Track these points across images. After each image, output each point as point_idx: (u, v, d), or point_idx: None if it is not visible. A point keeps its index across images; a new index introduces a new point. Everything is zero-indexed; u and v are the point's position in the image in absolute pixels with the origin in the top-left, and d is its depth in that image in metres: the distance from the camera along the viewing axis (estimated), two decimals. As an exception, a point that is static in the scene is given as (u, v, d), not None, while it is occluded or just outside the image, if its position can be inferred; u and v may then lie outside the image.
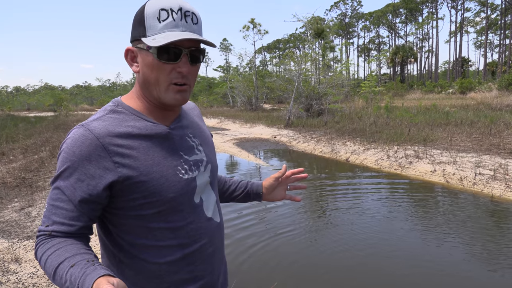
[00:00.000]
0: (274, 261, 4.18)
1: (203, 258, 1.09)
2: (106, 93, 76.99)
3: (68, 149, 0.93)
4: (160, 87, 0.98)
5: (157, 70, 0.97)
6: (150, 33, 0.95)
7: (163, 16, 0.94)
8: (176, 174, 1.02)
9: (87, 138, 0.93)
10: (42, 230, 0.93)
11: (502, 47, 51.79)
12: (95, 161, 0.92)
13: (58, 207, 0.92)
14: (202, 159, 1.12)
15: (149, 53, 0.96)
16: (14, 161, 9.49)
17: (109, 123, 0.97)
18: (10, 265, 3.68)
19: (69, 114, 32.27)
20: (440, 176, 7.24)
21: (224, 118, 23.77)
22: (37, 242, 0.94)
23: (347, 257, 4.24)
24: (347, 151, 10.28)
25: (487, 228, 4.89)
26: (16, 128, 18.40)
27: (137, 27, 0.97)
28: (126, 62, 1.03)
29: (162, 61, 0.95)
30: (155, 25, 0.94)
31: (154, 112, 1.05)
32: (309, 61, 21.76)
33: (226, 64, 73.71)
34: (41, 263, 0.91)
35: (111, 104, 1.04)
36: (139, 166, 0.96)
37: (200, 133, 1.19)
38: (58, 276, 0.84)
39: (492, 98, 21.68)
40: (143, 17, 0.95)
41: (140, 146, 0.98)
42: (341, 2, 78.10)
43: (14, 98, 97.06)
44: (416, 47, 68.30)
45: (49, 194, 0.95)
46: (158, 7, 0.94)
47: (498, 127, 11.18)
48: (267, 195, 1.42)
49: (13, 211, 5.43)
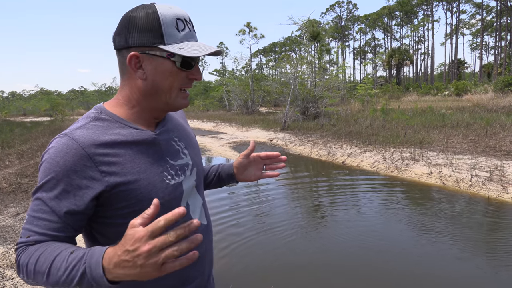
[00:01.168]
0: (269, 263, 4.17)
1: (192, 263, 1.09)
2: (102, 98, 76.70)
3: (52, 159, 0.90)
4: (172, 93, 1.00)
5: (173, 77, 0.98)
6: (171, 41, 0.95)
7: (180, 26, 0.96)
8: (163, 180, 1.02)
9: (71, 147, 0.90)
10: (23, 242, 0.88)
11: (497, 49, 52.10)
12: (80, 171, 0.90)
13: (40, 218, 0.89)
14: (187, 163, 1.12)
15: (167, 60, 0.96)
16: (10, 166, 9.44)
17: (93, 131, 0.95)
18: (5, 271, 3.66)
19: (65, 119, 32.17)
20: (436, 178, 7.25)
21: (221, 122, 23.76)
22: (18, 253, 0.88)
23: (343, 259, 4.24)
24: (343, 153, 10.30)
25: (483, 230, 4.91)
26: (12, 134, 18.33)
27: (145, 33, 0.94)
28: (129, 68, 0.98)
29: (184, 69, 0.98)
30: (175, 34, 0.95)
31: (138, 119, 1.04)
32: (305, 64, 21.80)
33: (222, 67, 73.80)
34: (28, 267, 0.84)
35: (94, 111, 1.02)
36: (126, 174, 0.95)
37: (185, 135, 1.18)
38: (54, 270, 0.80)
39: (488, 100, 21.80)
40: (160, 24, 0.94)
41: (126, 154, 0.97)
42: (336, 5, 78.48)
43: (10, 103, 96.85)
44: (412, 50, 68.71)
45: (30, 206, 0.91)
46: (174, 16, 0.96)
47: (494, 129, 11.24)
48: (240, 175, 1.37)
49: (9, 217, 5.40)
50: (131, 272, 0.73)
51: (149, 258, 0.71)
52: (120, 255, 0.73)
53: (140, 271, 0.73)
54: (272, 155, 1.33)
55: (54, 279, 0.81)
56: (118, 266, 0.74)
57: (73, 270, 0.79)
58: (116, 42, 0.98)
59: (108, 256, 0.76)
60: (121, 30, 0.96)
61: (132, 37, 0.95)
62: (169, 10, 0.95)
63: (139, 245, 0.71)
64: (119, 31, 0.97)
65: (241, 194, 7.08)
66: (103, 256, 0.76)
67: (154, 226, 0.71)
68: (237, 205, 6.29)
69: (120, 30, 0.97)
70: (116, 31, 0.99)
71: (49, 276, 0.81)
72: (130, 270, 0.73)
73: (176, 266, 0.73)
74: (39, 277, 0.83)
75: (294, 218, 5.68)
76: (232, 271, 3.98)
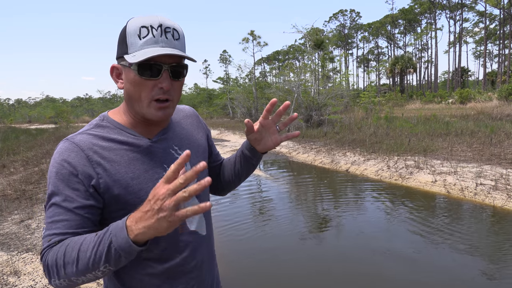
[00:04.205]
0: (270, 271, 4.15)
1: (185, 272, 1.10)
2: (107, 105, 77.17)
3: (57, 163, 0.96)
4: (143, 103, 1.00)
5: (139, 86, 0.98)
6: (131, 50, 0.96)
7: (143, 33, 0.96)
8: None
9: (72, 150, 0.96)
10: (46, 247, 0.91)
11: (501, 57, 52.03)
12: (81, 170, 0.95)
13: (58, 221, 0.92)
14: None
15: (131, 70, 0.97)
16: (14, 173, 9.48)
17: (92, 137, 1.01)
18: (9, 278, 3.66)
19: (69, 126, 32.36)
20: (441, 186, 7.21)
21: (224, 129, 23.80)
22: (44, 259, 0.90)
23: (345, 266, 4.22)
24: (347, 161, 10.27)
25: (489, 239, 4.86)
26: (17, 141, 18.43)
27: (121, 44, 0.99)
28: (112, 79, 1.05)
29: (144, 77, 0.97)
30: (136, 42, 0.96)
31: (138, 126, 1.07)
32: (308, 72, 21.85)
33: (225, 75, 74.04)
34: (58, 262, 0.86)
35: (98, 119, 1.07)
36: (119, 178, 0.99)
37: (187, 144, 1.18)
38: (82, 253, 0.83)
39: (492, 108, 21.71)
40: (125, 35, 0.97)
41: (121, 160, 1.00)
42: (340, 14, 78.74)
43: (16, 110, 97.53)
44: (415, 58, 68.67)
45: (45, 215, 0.96)
46: (139, 25, 0.96)
47: (499, 137, 11.18)
48: (260, 147, 1.23)
49: (13, 224, 5.41)
50: (151, 222, 0.77)
51: (164, 200, 0.75)
52: (141, 209, 0.80)
53: (158, 219, 0.76)
54: (278, 111, 1.21)
55: (83, 263, 0.83)
56: (140, 219, 0.79)
57: (100, 245, 0.82)
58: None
59: (132, 216, 0.82)
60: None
61: (117, 50, 1.02)
62: (138, 19, 0.97)
63: (157, 191, 0.77)
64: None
65: (244, 198, 7.07)
66: (128, 218, 0.82)
67: (174, 183, 0.75)
68: (238, 211, 6.28)
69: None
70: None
71: (78, 262, 0.84)
72: (150, 220, 0.77)
73: (188, 211, 0.75)
74: (69, 268, 0.85)
75: (296, 226, 5.66)
76: (228, 278, 3.97)
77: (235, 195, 7.46)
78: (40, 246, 4.48)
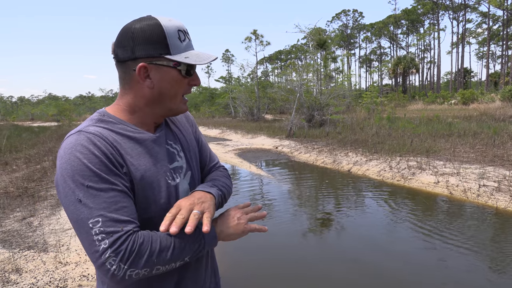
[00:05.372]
0: (269, 271, 4.14)
1: (187, 266, 1.12)
2: (109, 103, 76.64)
3: (83, 155, 0.91)
4: (177, 99, 1.08)
5: (178, 84, 1.05)
6: (175, 51, 1.01)
7: (182, 37, 1.03)
8: (166, 180, 1.07)
9: (93, 139, 0.94)
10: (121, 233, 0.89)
11: (504, 58, 51.84)
12: (112, 158, 0.95)
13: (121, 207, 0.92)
14: (182, 166, 1.15)
15: (173, 69, 1.03)
16: (17, 170, 9.50)
17: (102, 129, 1.00)
18: (10, 275, 3.66)
19: (72, 124, 32.41)
20: (443, 187, 7.19)
21: (226, 129, 23.79)
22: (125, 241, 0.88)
23: (346, 266, 4.21)
24: (349, 162, 10.25)
25: (492, 241, 4.84)
26: (20, 138, 18.47)
27: (152, 44, 0.99)
28: (138, 78, 1.02)
29: (187, 76, 1.06)
30: (178, 44, 1.02)
31: (139, 123, 1.08)
32: (311, 72, 21.84)
33: (228, 74, 74.09)
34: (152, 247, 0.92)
35: (97, 115, 1.06)
36: (135, 170, 1.00)
37: (182, 139, 1.21)
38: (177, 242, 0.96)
39: (495, 109, 21.65)
40: (165, 36, 1.00)
41: (132, 152, 1.02)
42: (342, 14, 78.70)
43: (18, 108, 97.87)
44: (417, 58, 68.56)
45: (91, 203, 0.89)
46: (176, 28, 1.02)
47: (502, 138, 11.15)
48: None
49: (15, 221, 5.42)
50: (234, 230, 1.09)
51: (242, 218, 1.11)
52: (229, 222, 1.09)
53: (237, 227, 1.09)
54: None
55: (177, 252, 0.96)
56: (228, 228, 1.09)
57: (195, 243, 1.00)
58: (119, 54, 1.02)
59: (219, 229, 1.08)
60: (125, 43, 1.00)
61: (138, 49, 0.99)
62: (170, 22, 1.02)
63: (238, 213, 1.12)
64: (123, 43, 1.01)
65: (245, 197, 7.05)
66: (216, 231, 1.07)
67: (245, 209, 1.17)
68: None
69: (124, 42, 1.00)
70: (117, 43, 1.02)
71: (175, 249, 0.95)
72: (234, 228, 1.09)
73: (253, 227, 1.13)
74: (163, 254, 0.93)
75: (297, 225, 5.65)
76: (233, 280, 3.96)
77: (235, 194, 7.46)
78: (43, 243, 4.48)
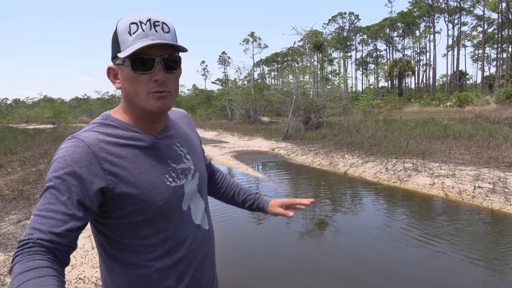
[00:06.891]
0: (265, 272, 4.14)
1: (192, 265, 1.13)
2: (105, 106, 77.08)
3: (61, 158, 0.94)
4: (140, 97, 1.01)
5: (135, 81, 1.00)
6: (123, 47, 0.99)
7: (133, 29, 0.98)
8: (164, 182, 1.07)
9: (78, 146, 0.96)
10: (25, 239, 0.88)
11: (499, 61, 52.26)
12: (85, 167, 0.94)
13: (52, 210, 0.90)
14: (189, 168, 1.17)
15: (125, 67, 1.00)
16: (12, 173, 9.45)
17: (98, 134, 1.02)
18: (6, 278, 3.64)
19: (67, 126, 32.31)
20: (439, 189, 7.22)
21: (223, 131, 23.77)
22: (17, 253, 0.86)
23: (342, 268, 4.21)
24: (345, 163, 10.28)
25: (487, 242, 4.86)
26: (15, 140, 18.37)
27: (113, 45, 1.02)
28: (109, 80, 1.08)
29: (138, 72, 0.99)
30: (127, 38, 0.99)
31: (140, 124, 1.08)
32: (307, 74, 21.89)
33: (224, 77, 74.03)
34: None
35: (100, 118, 1.09)
36: (127, 174, 1.00)
37: (188, 142, 1.23)
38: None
39: (490, 111, 21.79)
40: (117, 34, 1.00)
41: (128, 155, 1.02)
42: (338, 16, 78.87)
43: (13, 110, 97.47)
44: (413, 61, 68.81)
45: (40, 203, 0.93)
46: (128, 22, 0.99)
47: (497, 140, 11.21)
48: (268, 210, 1.54)
49: (10, 224, 5.39)
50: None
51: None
52: None
53: None
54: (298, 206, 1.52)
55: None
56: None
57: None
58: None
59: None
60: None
61: (111, 51, 1.04)
62: (127, 18, 1.01)
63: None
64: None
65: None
66: None
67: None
68: (234, 210, 6.27)
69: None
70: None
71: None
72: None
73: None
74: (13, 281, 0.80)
75: (293, 227, 5.65)
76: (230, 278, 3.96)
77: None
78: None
